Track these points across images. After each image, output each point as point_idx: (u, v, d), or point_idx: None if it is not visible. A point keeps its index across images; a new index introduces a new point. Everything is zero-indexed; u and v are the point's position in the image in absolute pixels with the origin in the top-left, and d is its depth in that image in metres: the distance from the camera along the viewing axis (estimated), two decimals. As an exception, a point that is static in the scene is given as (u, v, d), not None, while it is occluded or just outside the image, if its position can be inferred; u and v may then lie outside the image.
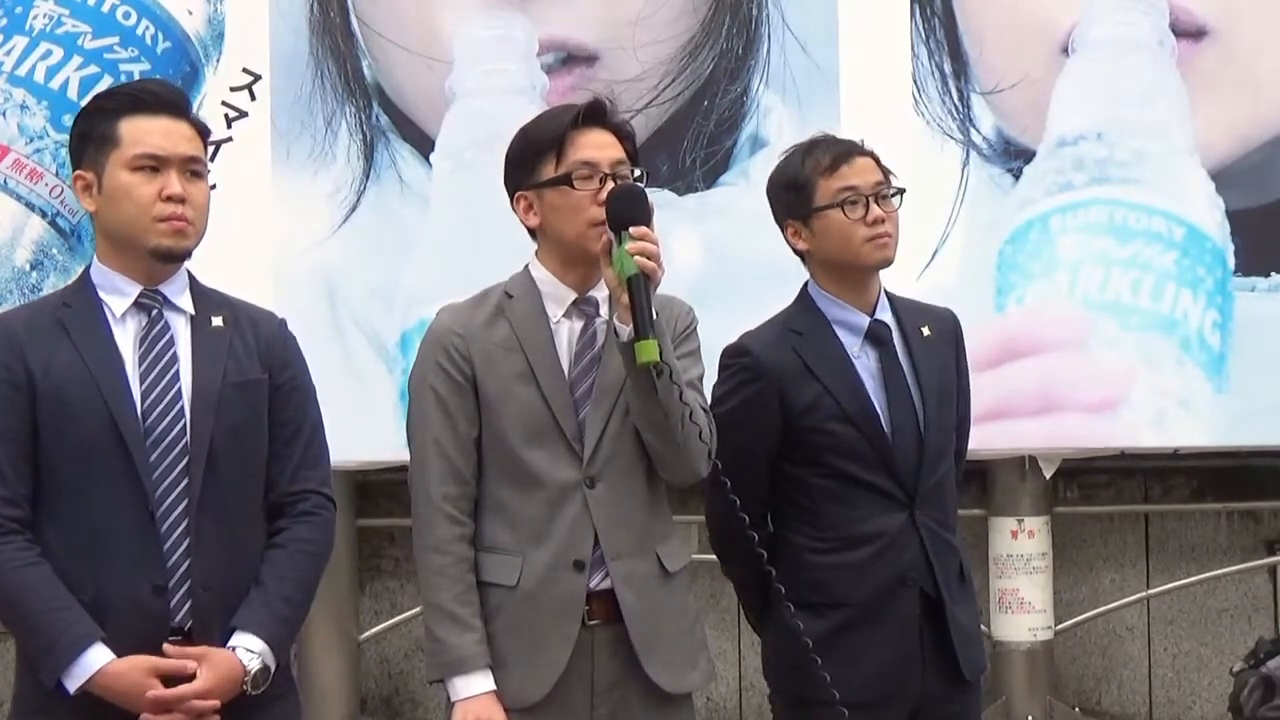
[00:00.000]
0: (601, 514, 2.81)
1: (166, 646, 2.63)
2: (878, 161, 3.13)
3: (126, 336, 2.72)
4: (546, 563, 2.80)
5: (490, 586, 2.82)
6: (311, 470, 2.83)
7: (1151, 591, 5.59)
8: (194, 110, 2.83)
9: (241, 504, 2.75)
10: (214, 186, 2.87)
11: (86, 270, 2.79)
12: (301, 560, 2.79)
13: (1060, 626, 5.38)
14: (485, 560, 2.83)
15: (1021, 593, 5.26)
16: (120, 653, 2.61)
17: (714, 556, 3.26)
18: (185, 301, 2.77)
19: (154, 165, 2.70)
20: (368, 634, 5.54)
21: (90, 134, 2.75)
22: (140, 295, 2.73)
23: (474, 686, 2.77)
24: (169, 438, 2.68)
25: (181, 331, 2.75)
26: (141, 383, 2.69)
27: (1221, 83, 5.11)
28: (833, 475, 3.06)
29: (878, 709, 3.00)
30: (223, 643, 2.68)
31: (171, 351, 2.72)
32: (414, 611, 5.25)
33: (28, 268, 5.02)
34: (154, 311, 2.74)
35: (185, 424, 2.69)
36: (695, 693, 2.96)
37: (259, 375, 2.78)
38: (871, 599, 3.04)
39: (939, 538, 3.10)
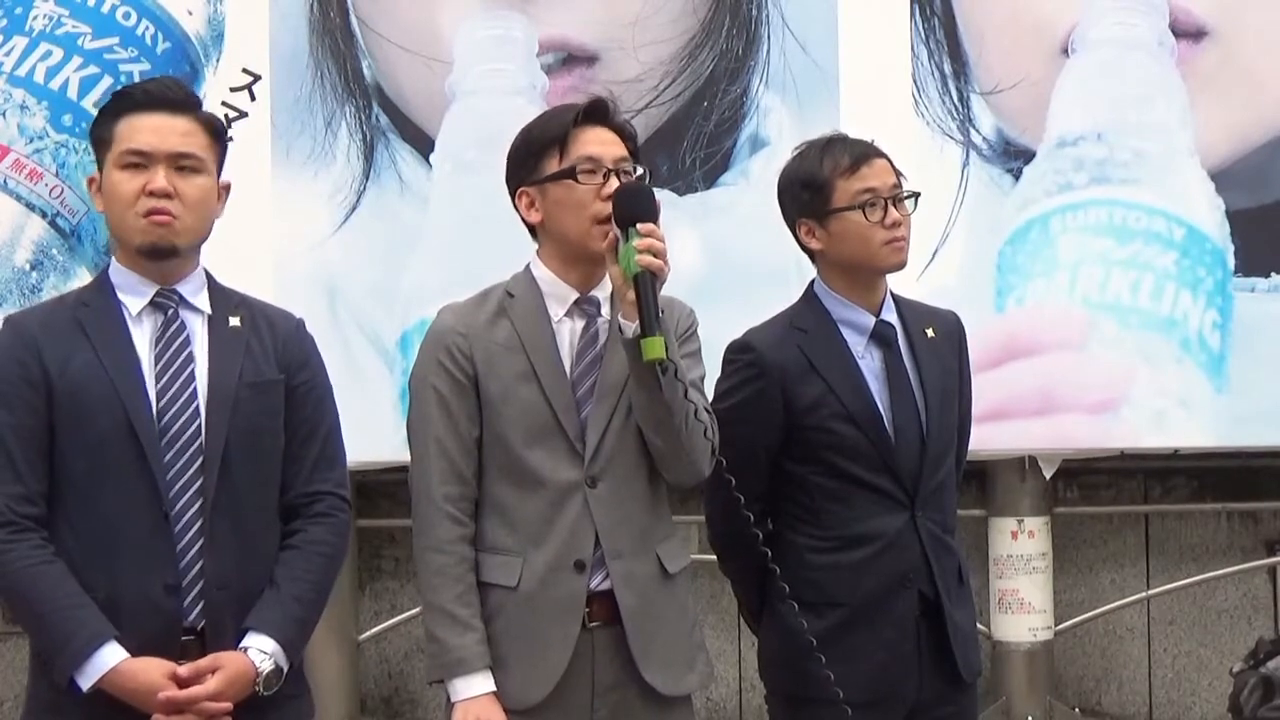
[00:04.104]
0: (603, 514, 2.81)
1: (180, 669, 2.63)
2: (890, 163, 3.13)
3: (143, 336, 2.72)
4: (547, 563, 2.80)
5: (490, 587, 2.81)
6: (328, 471, 2.83)
7: (1151, 592, 5.59)
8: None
9: (256, 504, 2.75)
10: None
11: (106, 270, 2.79)
12: (316, 561, 2.79)
13: (1060, 627, 5.38)
14: (485, 561, 2.82)
15: (1021, 593, 5.26)
16: (133, 652, 2.61)
17: (714, 556, 3.26)
18: (202, 301, 2.77)
19: (139, 162, 2.70)
20: (368, 634, 5.54)
21: (97, 137, 2.77)
22: (156, 295, 2.74)
23: (474, 687, 2.76)
24: (184, 437, 2.68)
25: (198, 331, 2.75)
26: (157, 382, 2.69)
27: (1221, 83, 5.12)
28: (834, 474, 3.05)
29: (874, 709, 3.00)
30: (236, 643, 2.69)
31: (187, 351, 2.72)
32: (414, 611, 5.25)
33: (28, 268, 5.02)
34: (170, 311, 2.74)
35: (200, 424, 2.69)
36: (694, 694, 2.96)
37: (275, 376, 2.78)
38: (870, 599, 3.04)
39: (938, 539, 3.09)
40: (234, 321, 2.78)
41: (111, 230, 2.77)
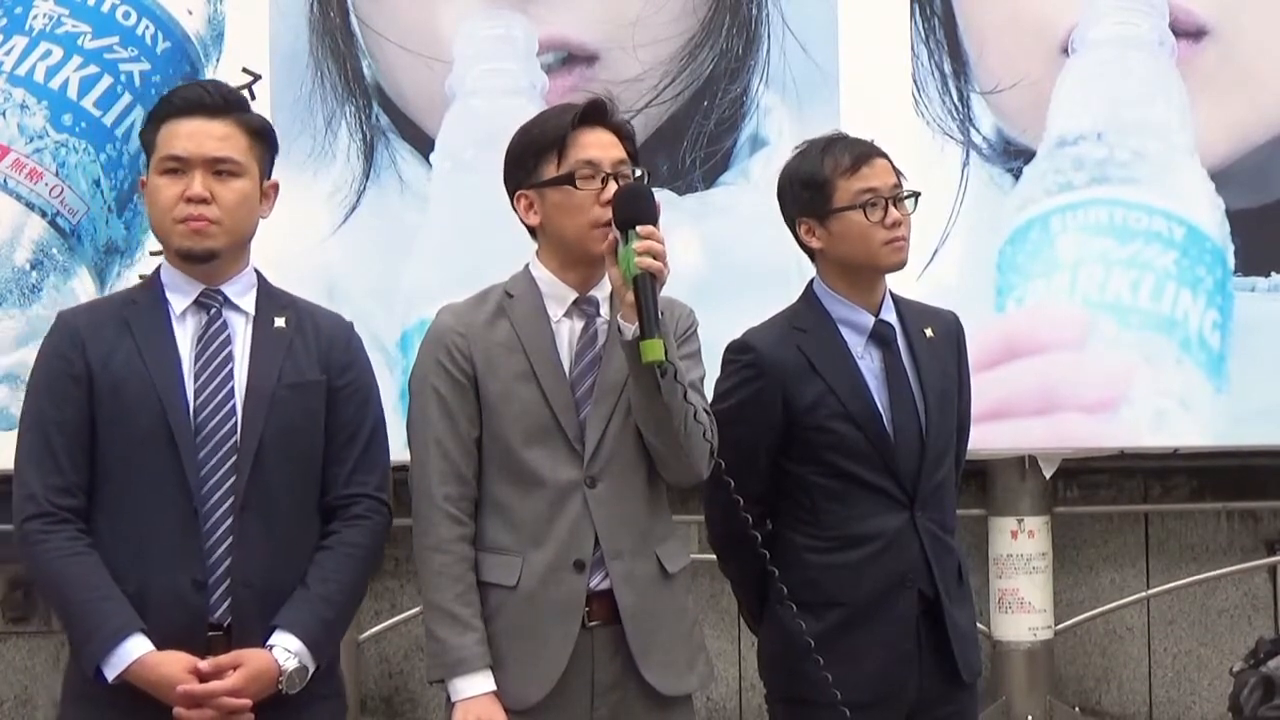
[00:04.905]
0: (602, 514, 2.81)
1: (201, 663, 2.67)
2: (891, 163, 3.12)
3: (185, 335, 2.77)
4: (547, 563, 2.80)
5: (490, 587, 2.81)
6: (367, 474, 2.85)
7: (1151, 591, 5.59)
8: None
9: (290, 504, 2.77)
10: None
11: (158, 269, 2.84)
12: (347, 563, 2.81)
13: (1060, 626, 5.38)
14: (485, 560, 2.82)
15: (1021, 592, 5.26)
16: (160, 645, 2.65)
17: (714, 556, 3.26)
18: (248, 302, 2.81)
19: (177, 167, 2.75)
20: (368, 634, 5.54)
21: (144, 141, 2.83)
22: (201, 295, 2.78)
23: (475, 687, 2.77)
24: (218, 436, 2.72)
25: (241, 331, 2.79)
26: (195, 381, 2.74)
27: (1221, 83, 5.12)
28: (834, 474, 3.05)
29: (874, 710, 3.00)
30: (263, 641, 2.71)
31: (227, 351, 2.77)
32: (414, 611, 5.25)
33: (28, 267, 5.02)
34: (213, 311, 2.78)
35: (236, 422, 2.73)
36: (694, 694, 2.96)
37: (316, 377, 2.81)
38: (870, 599, 3.04)
39: (938, 539, 3.09)
40: (279, 322, 2.82)
41: (154, 232, 2.82)
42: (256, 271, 2.86)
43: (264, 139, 2.84)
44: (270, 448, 2.74)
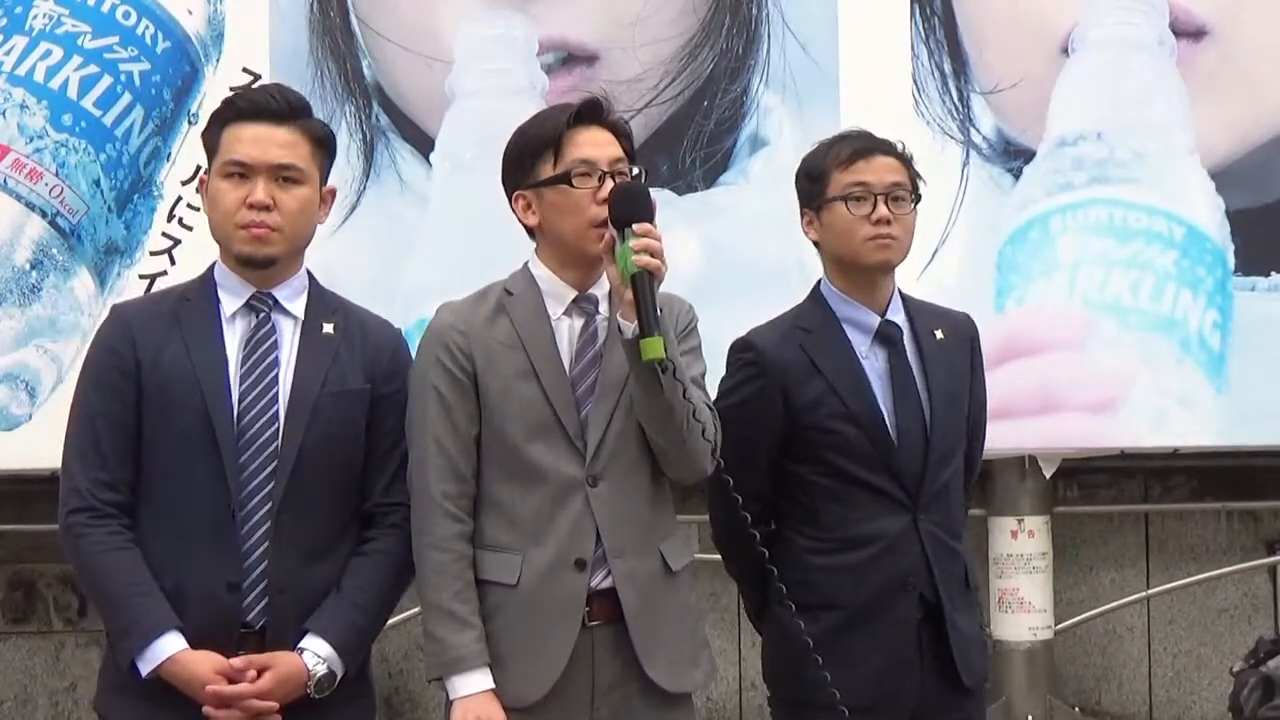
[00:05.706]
0: (604, 512, 2.81)
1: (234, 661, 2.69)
2: (906, 165, 3.11)
3: (234, 336, 2.78)
4: (548, 561, 2.80)
5: (490, 585, 2.81)
6: (405, 483, 2.85)
7: (1151, 591, 5.58)
8: (289, 113, 2.83)
9: (327, 510, 2.79)
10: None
11: (212, 266, 2.85)
12: (382, 571, 2.83)
13: (1060, 626, 5.38)
14: (484, 558, 2.82)
15: (1021, 592, 5.25)
16: (194, 644, 2.68)
17: (716, 555, 3.26)
18: (298, 306, 2.83)
19: (240, 172, 2.76)
20: (367, 634, 5.53)
21: (206, 142, 2.84)
22: (252, 297, 2.80)
23: (473, 685, 2.77)
24: (260, 440, 2.74)
25: (288, 336, 2.81)
26: (241, 384, 2.75)
27: (1221, 83, 5.11)
28: (835, 474, 3.04)
29: (875, 714, 2.99)
30: (295, 643, 2.73)
31: (273, 355, 2.78)
32: (413, 611, 5.21)
33: (27, 267, 5.02)
34: (262, 314, 2.80)
35: (278, 428, 2.75)
36: (696, 692, 2.96)
37: (360, 385, 2.83)
38: (869, 602, 3.03)
39: (941, 543, 3.07)
40: (327, 328, 2.83)
41: (213, 235, 2.83)
42: (309, 273, 2.88)
43: (325, 146, 2.86)
44: (310, 454, 2.75)
